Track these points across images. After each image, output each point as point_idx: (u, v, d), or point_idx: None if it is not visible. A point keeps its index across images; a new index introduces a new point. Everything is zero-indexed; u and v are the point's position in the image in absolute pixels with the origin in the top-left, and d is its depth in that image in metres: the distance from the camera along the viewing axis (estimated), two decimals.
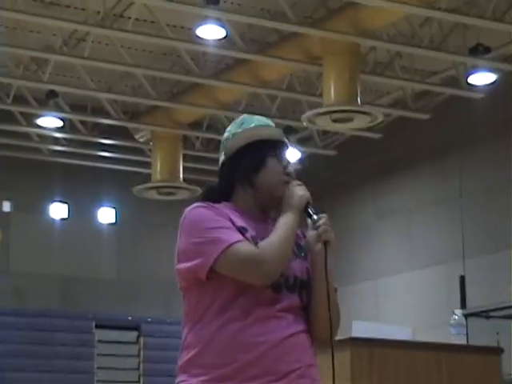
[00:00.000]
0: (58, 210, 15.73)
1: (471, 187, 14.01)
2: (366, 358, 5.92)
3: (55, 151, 15.75)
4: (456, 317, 6.79)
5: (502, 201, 13.59)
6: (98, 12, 12.38)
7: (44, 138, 15.46)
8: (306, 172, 15.86)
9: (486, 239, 13.62)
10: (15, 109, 14.59)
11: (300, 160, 15.67)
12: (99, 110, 14.71)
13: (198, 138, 15.58)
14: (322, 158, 15.98)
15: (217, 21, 11.96)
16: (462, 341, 6.67)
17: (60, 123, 14.83)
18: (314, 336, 3.70)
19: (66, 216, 15.77)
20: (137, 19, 12.41)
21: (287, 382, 3.52)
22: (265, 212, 3.77)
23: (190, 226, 3.66)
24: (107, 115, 14.68)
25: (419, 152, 14.80)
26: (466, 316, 9.04)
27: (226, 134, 3.84)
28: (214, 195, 3.78)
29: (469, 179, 14.04)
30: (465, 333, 6.70)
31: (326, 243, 3.61)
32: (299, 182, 3.74)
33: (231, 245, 3.53)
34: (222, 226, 3.60)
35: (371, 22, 12.02)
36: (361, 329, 6.15)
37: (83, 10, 12.47)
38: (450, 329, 6.75)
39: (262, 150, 3.78)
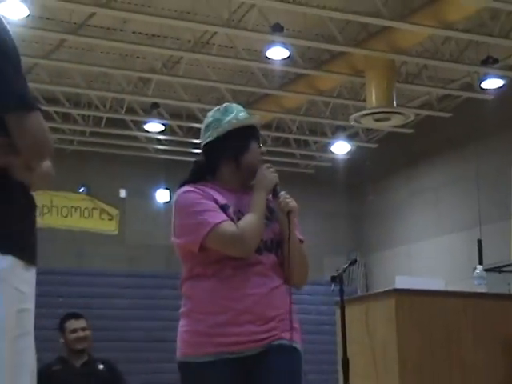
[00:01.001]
0: (162, 195, 15.80)
1: (485, 169, 13.91)
2: (408, 304, 5.90)
3: (158, 149, 15.83)
4: (478, 271, 6.74)
5: (509, 180, 13.50)
6: (189, 41, 12.44)
7: (150, 140, 15.57)
8: (354, 161, 15.89)
9: (497, 211, 13.51)
10: (127, 117, 14.69)
11: (349, 152, 15.67)
12: (192, 117, 14.76)
13: (268, 136, 15.54)
14: (366, 149, 15.93)
15: (282, 44, 11.95)
16: (483, 290, 6.63)
17: (162, 128, 14.91)
18: (290, 283, 3.73)
19: (168, 200, 15.82)
20: (219, 45, 12.46)
21: (274, 323, 3.62)
22: (243, 185, 3.78)
23: (181, 208, 3.72)
24: (198, 120, 14.73)
25: (443, 143, 14.72)
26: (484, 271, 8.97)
27: (209, 119, 3.86)
28: (201, 172, 3.84)
29: (483, 163, 13.95)
30: (485, 283, 6.66)
31: (288, 213, 3.67)
32: (268, 165, 3.79)
33: (216, 225, 3.56)
34: (207, 208, 3.64)
35: (403, 41, 11.96)
36: (402, 282, 6.15)
37: (178, 39, 12.52)
38: (473, 281, 6.71)
39: (247, 134, 3.82)
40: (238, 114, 3.83)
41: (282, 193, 3.74)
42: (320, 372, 13.05)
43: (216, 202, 3.66)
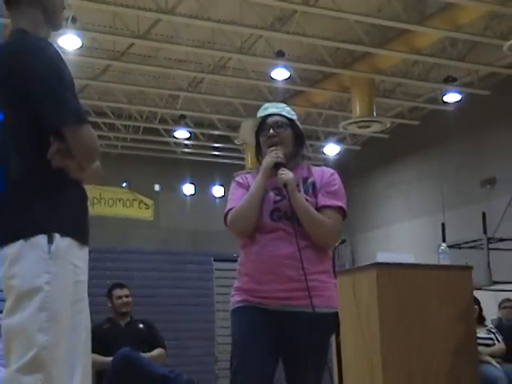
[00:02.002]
0: (188, 189, 15.81)
1: (447, 166, 13.87)
2: (386, 275, 5.86)
3: (185, 152, 15.83)
4: (442, 247, 6.72)
5: (466, 175, 13.49)
6: (209, 65, 12.43)
7: (178, 144, 15.56)
8: (342, 160, 15.86)
9: (457, 199, 13.51)
10: (160, 127, 14.69)
11: (338, 153, 15.64)
12: (212, 126, 14.77)
13: None
14: (352, 151, 15.91)
15: (283, 66, 11.93)
16: (446, 262, 6.62)
17: (188, 135, 14.87)
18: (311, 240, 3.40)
19: (193, 192, 15.85)
20: (234, 68, 12.44)
21: (295, 283, 3.29)
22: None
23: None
24: (217, 129, 14.75)
25: (413, 146, 14.67)
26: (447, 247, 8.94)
27: None
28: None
29: (445, 161, 13.90)
30: (449, 258, 6.64)
31: (285, 185, 3.38)
32: (272, 148, 3.51)
33: (227, 212, 3.46)
34: (232, 197, 3.52)
35: (381, 64, 11.97)
36: (382, 257, 6.12)
37: (200, 63, 12.51)
38: (438, 256, 6.69)
39: (259, 126, 3.63)
40: (260, 111, 3.67)
41: (280, 170, 3.45)
42: None
43: (249, 186, 3.53)
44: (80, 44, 10.64)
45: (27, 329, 2.54)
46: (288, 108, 3.68)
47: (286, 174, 3.42)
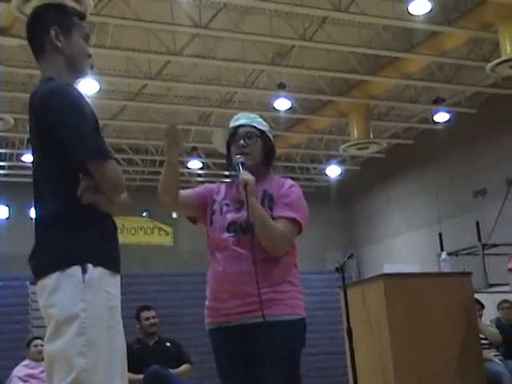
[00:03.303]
0: None
1: (440, 180, 13.84)
2: (393, 284, 5.87)
3: (198, 181, 15.73)
4: (443, 256, 6.71)
5: (459, 187, 13.47)
6: (217, 99, 12.48)
7: (191, 174, 15.53)
8: (344, 180, 15.85)
9: (451, 210, 13.48)
10: None
11: (339, 174, 15.62)
12: (222, 155, 14.69)
13: (280, 166, 15.49)
14: (352, 171, 15.88)
15: (285, 97, 11.98)
16: (447, 269, 6.60)
17: (200, 165, 14.91)
18: (267, 252, 3.18)
19: None
20: (239, 101, 12.47)
21: (253, 296, 3.11)
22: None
23: None
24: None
25: (408, 163, 14.66)
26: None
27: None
28: None
29: (438, 176, 13.89)
30: (449, 265, 6.62)
31: (245, 186, 3.18)
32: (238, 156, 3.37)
33: None
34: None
35: (374, 90, 11.99)
36: (388, 268, 6.12)
37: (208, 99, 12.56)
38: (438, 264, 6.67)
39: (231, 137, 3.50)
40: (232, 121, 3.55)
41: (242, 171, 3.27)
42: (328, 338, 12.96)
43: (213, 190, 3.53)
44: (98, 88, 10.73)
45: (67, 353, 2.55)
46: (260, 119, 3.53)
47: (246, 175, 3.24)
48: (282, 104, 12.09)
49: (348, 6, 9.45)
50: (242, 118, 3.51)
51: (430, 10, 9.46)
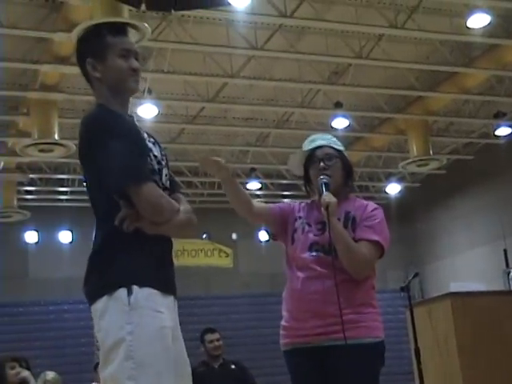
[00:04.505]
0: (263, 235, 15.74)
1: (503, 196, 13.56)
2: (460, 303, 5.72)
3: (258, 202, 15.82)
4: None
5: None
6: (274, 120, 12.50)
7: (250, 195, 15.53)
8: (404, 198, 15.63)
9: None
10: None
11: (399, 191, 15.43)
12: (281, 176, 14.74)
13: None
14: (412, 188, 15.67)
15: (342, 116, 11.91)
16: None
17: (259, 186, 14.91)
18: (348, 273, 3.14)
19: (267, 238, 15.78)
20: (296, 121, 12.44)
21: (332, 317, 3.07)
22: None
23: None
24: (285, 178, 14.70)
25: (469, 179, 14.39)
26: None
27: None
28: None
29: (501, 191, 13.61)
30: None
31: (327, 207, 3.15)
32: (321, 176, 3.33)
33: None
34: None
35: (433, 106, 11.90)
36: (455, 286, 5.98)
37: (266, 120, 12.54)
38: (509, 281, 6.48)
39: (307, 158, 3.46)
40: (307, 143, 3.50)
41: (324, 193, 3.24)
42: (392, 358, 12.70)
43: (293, 209, 3.50)
44: (156, 112, 10.84)
45: (117, 378, 2.53)
46: (335, 139, 3.50)
47: (329, 198, 3.20)
48: (340, 123, 12.03)
49: (404, 23, 9.37)
50: (318, 139, 3.47)
51: (489, 23, 9.30)
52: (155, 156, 2.83)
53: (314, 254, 3.23)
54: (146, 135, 2.85)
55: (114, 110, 2.75)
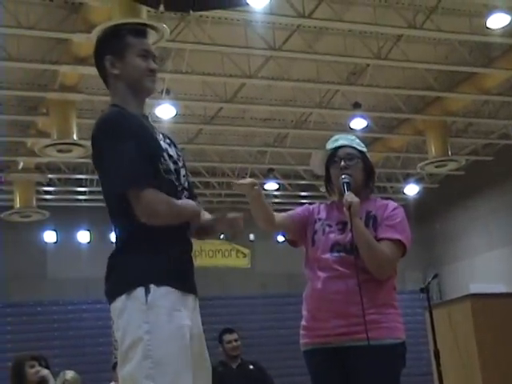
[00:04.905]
0: (280, 236, 15.71)
1: None
2: (481, 305, 5.70)
3: (275, 202, 15.78)
4: None
5: None
6: (292, 120, 12.46)
7: (268, 196, 15.52)
8: (422, 199, 15.55)
9: None
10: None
11: (418, 192, 15.35)
12: (298, 177, 14.68)
13: None
14: (431, 189, 15.60)
15: (361, 116, 11.88)
16: None
17: (277, 186, 14.88)
18: (370, 273, 3.13)
19: (284, 239, 15.72)
20: (315, 121, 12.37)
21: (354, 317, 3.07)
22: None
23: None
24: (303, 179, 14.67)
25: (488, 180, 14.30)
26: None
27: None
28: None
29: None
30: None
31: (349, 207, 3.14)
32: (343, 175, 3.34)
33: None
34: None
35: (452, 106, 11.83)
36: (475, 288, 5.93)
37: (284, 120, 12.52)
38: None
39: (329, 157, 3.48)
40: (330, 143, 3.52)
41: (346, 193, 3.25)
42: (411, 359, 12.63)
43: (312, 211, 3.52)
44: (174, 112, 10.86)
45: (135, 377, 2.53)
46: (358, 140, 3.50)
47: (351, 197, 3.20)
48: (358, 123, 11.99)
49: (423, 23, 9.32)
50: (340, 139, 3.49)
51: (509, 23, 9.23)
52: (170, 156, 2.82)
53: (335, 254, 3.23)
54: (161, 136, 2.85)
55: (127, 110, 2.75)
